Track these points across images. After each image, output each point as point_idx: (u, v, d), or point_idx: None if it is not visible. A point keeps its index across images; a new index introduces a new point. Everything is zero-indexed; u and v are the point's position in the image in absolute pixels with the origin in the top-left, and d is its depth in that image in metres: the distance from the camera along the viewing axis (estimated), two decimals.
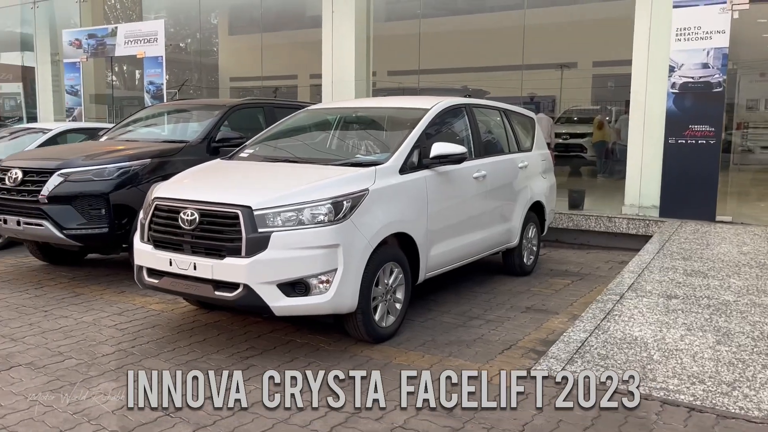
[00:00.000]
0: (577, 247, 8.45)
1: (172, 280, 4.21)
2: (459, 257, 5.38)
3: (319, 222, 3.98)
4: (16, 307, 5.25)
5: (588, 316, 4.86)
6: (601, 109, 16.19)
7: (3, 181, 5.97)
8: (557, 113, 17.49)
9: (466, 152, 4.95)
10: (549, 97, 18.41)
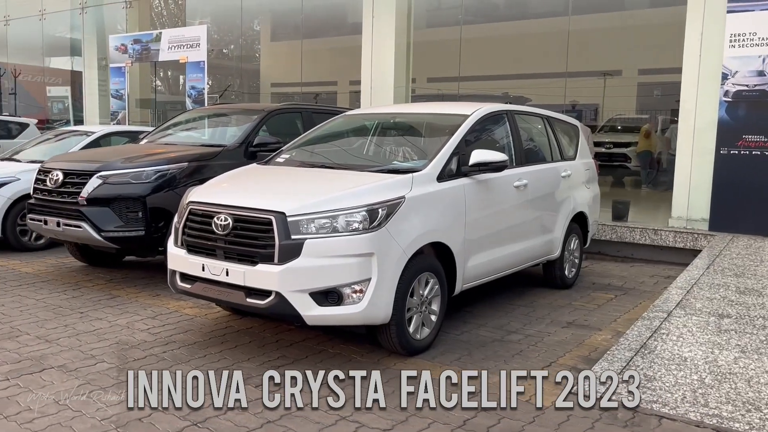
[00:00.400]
0: (620, 259, 8.16)
1: (204, 285, 4.16)
2: (498, 269, 5.21)
3: (353, 230, 3.88)
4: (53, 308, 5.28)
5: (633, 333, 4.64)
6: (650, 117, 15.74)
7: (44, 182, 6.05)
8: (600, 122, 17.12)
9: (507, 160, 4.79)
10: (591, 106, 18.06)
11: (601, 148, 14.35)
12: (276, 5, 18.29)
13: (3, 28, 17.15)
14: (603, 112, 17.98)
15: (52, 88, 17.08)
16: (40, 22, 15.77)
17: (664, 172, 13.77)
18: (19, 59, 18.33)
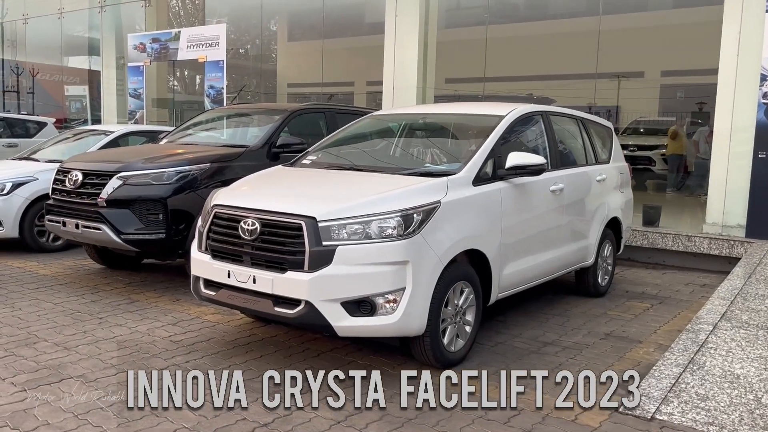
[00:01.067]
0: (651, 266, 7.89)
1: (229, 293, 3.97)
2: (534, 276, 4.98)
3: (387, 236, 3.67)
4: (71, 313, 5.12)
5: (679, 347, 4.39)
6: (675, 120, 15.39)
7: (63, 183, 5.90)
8: (622, 124, 16.80)
9: (545, 163, 4.57)
10: (611, 108, 17.73)
11: (625, 151, 14.03)
12: (294, 5, 18.17)
13: (21, 26, 17.13)
14: (623, 114, 17.67)
15: (70, 87, 17.04)
16: (59, 20, 15.71)
17: (696, 176, 13.43)
18: (37, 58, 18.31)
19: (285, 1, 17.69)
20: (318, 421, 3.31)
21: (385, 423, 3.31)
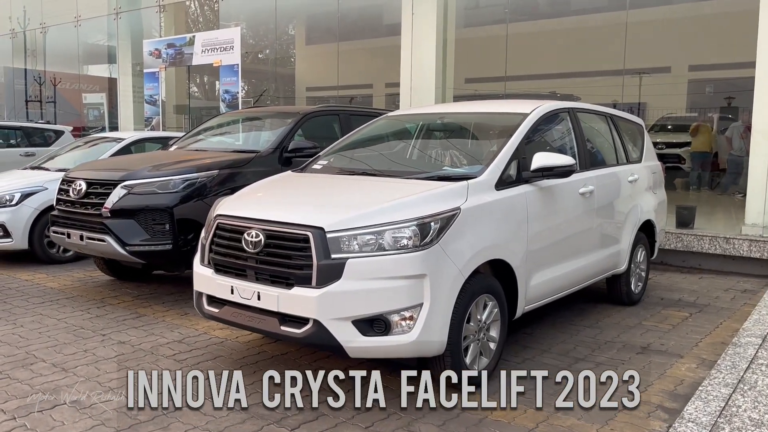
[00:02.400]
0: (686, 270, 7.46)
1: (233, 310, 3.68)
2: (563, 286, 4.62)
3: (402, 247, 3.35)
4: (74, 329, 4.88)
5: (726, 364, 4.01)
6: (705, 116, 14.85)
7: (67, 192, 5.68)
8: (649, 121, 16.29)
9: (575, 164, 4.21)
10: (637, 104, 17.22)
11: None
12: (310, 8, 17.96)
13: (40, 36, 17.14)
14: (650, 111, 17.16)
15: (87, 95, 16.99)
16: (76, 28, 15.65)
17: (723, 174, 12.89)
18: (56, 67, 18.32)
19: (301, 5, 17.48)
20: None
21: None
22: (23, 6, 17.40)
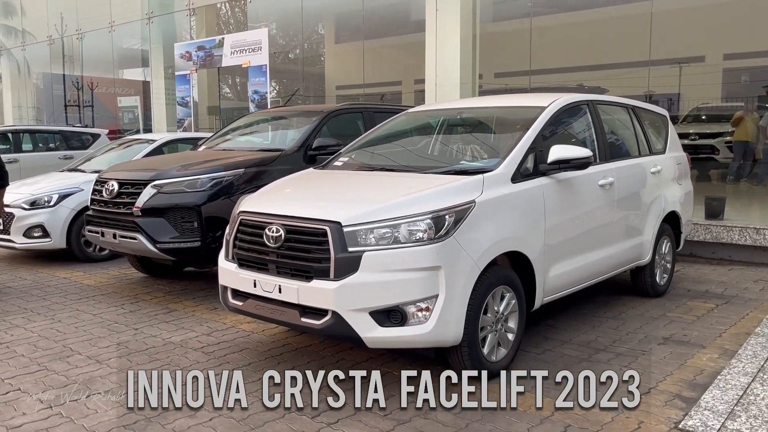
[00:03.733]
0: (716, 262, 7.37)
1: (256, 303, 3.81)
2: (582, 278, 4.64)
3: (417, 240, 3.43)
4: (108, 324, 5.08)
5: (747, 354, 4.01)
6: (746, 104, 14.52)
7: (100, 193, 5.90)
8: (683, 112, 16.00)
9: (591, 156, 4.22)
10: (670, 95, 16.91)
11: (686, 140, 13.33)
12: (338, 7, 18.10)
13: (76, 42, 17.63)
14: (684, 101, 16.85)
15: (122, 98, 17.44)
16: (110, 34, 16.07)
17: (758, 163, 12.61)
18: (92, 71, 18.82)
19: (329, 4, 17.63)
20: None
21: None
22: (60, 13, 17.92)
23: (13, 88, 21.13)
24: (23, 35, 19.97)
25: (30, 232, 7.31)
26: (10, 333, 4.87)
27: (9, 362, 4.24)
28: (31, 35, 19.46)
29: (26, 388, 3.78)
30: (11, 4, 20.75)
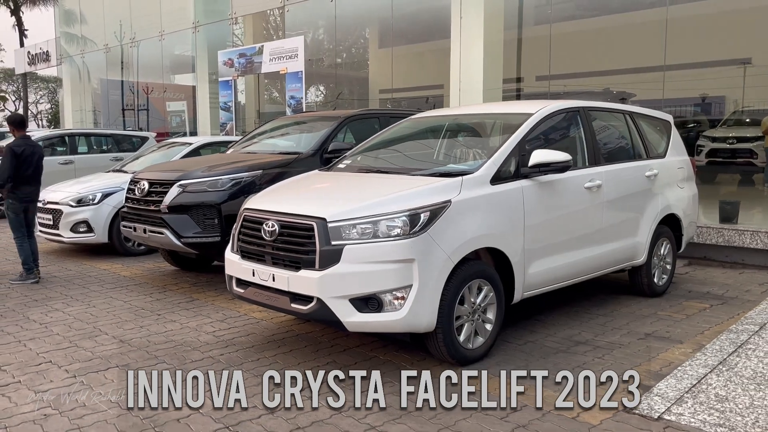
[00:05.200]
0: (729, 266, 7.44)
1: (255, 290, 4.25)
2: (567, 275, 4.90)
3: (394, 235, 3.80)
4: (135, 310, 5.62)
5: (714, 348, 4.22)
6: None
7: (134, 191, 6.46)
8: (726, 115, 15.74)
9: (570, 160, 4.49)
10: (717, 98, 16.65)
11: (724, 144, 13.22)
12: (380, 12, 18.54)
13: (131, 49, 18.63)
14: (729, 104, 16.58)
15: (170, 103, 18.33)
16: (160, 42, 16.96)
17: None
18: (145, 77, 19.81)
19: (375, 9, 18.09)
20: (323, 411, 3.49)
21: (386, 414, 3.44)
22: (119, 21, 18.95)
23: (73, 93, 22.42)
24: (84, 42, 21.16)
25: (76, 227, 7.98)
26: (50, 315, 5.46)
27: (45, 339, 4.80)
28: (93, 42, 20.61)
29: (56, 361, 4.32)
30: (73, 12, 22.02)
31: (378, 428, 3.29)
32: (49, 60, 23.50)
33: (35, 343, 4.72)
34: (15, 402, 3.65)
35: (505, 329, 4.86)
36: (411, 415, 3.43)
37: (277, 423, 3.35)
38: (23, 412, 3.52)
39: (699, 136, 13.99)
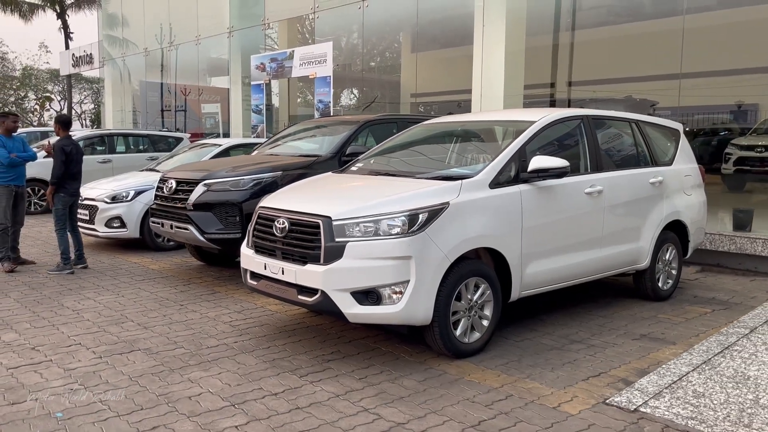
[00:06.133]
0: (741, 273, 7.52)
1: (266, 282, 4.57)
2: (565, 277, 5.11)
3: (393, 234, 4.07)
4: (160, 300, 6.00)
5: (701, 348, 4.39)
6: None
7: (162, 190, 6.87)
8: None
9: (568, 166, 4.71)
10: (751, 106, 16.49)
11: (752, 152, 13.15)
12: (413, 18, 18.83)
13: (168, 52, 19.26)
14: (763, 111, 16.41)
15: (205, 105, 18.90)
16: (196, 46, 17.53)
17: None
18: (183, 80, 20.44)
19: (409, 15, 18.39)
20: (321, 394, 3.79)
21: (379, 399, 3.72)
22: (160, 24, 19.59)
23: (114, 94, 23.23)
24: (126, 45, 21.92)
25: (110, 222, 8.45)
26: (82, 303, 5.87)
27: (77, 324, 5.20)
28: (134, 44, 21.33)
29: (85, 343, 4.70)
30: (116, 16, 22.83)
31: (371, 410, 3.56)
32: (92, 62, 24.37)
33: (67, 327, 5.12)
34: (46, 378, 4.02)
35: (506, 327, 5.11)
36: (403, 400, 3.70)
37: (278, 403, 3.65)
38: (53, 386, 3.89)
39: (728, 144, 13.95)
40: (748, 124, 13.82)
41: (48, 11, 31.68)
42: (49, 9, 31.53)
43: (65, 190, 7.22)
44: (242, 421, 3.42)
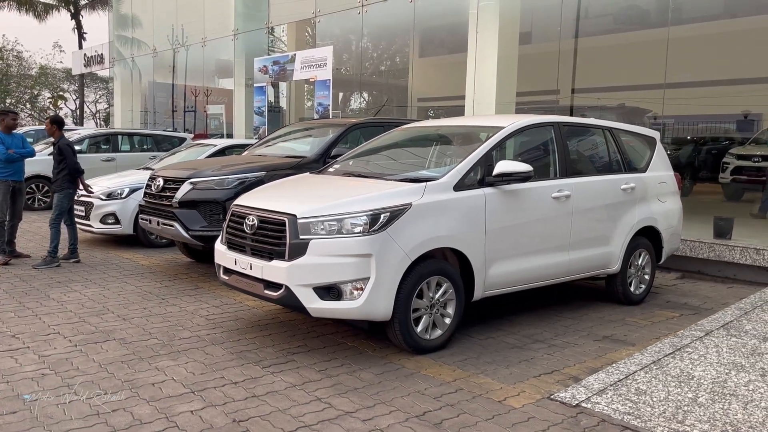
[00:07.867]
0: (720, 280, 7.61)
1: (237, 277, 4.75)
2: (530, 279, 5.24)
3: (355, 232, 4.24)
4: (143, 294, 6.20)
5: (653, 349, 4.52)
6: None
7: (150, 187, 7.08)
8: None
9: (531, 171, 4.85)
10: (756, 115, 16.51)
11: (749, 162, 13.20)
12: (421, 23, 19.02)
13: (176, 53, 19.57)
14: (766, 121, 16.41)
15: (210, 106, 19.19)
16: (202, 48, 17.82)
17: None
18: (191, 81, 20.75)
19: (416, 19, 18.57)
20: (279, 384, 3.96)
21: (333, 390, 3.88)
22: (171, 25, 19.90)
23: (124, 94, 23.60)
24: (136, 45, 22.27)
25: (105, 219, 8.68)
26: (68, 295, 6.09)
27: (59, 315, 5.41)
28: (145, 44, 21.68)
29: (63, 332, 4.90)
30: (127, 17, 23.20)
31: (324, 400, 3.73)
32: (102, 62, 24.78)
33: (49, 317, 5.33)
34: (20, 363, 4.22)
35: (473, 325, 5.25)
36: (356, 391, 3.86)
37: (236, 391, 3.82)
38: (25, 371, 4.09)
39: (725, 154, 14.03)
40: (747, 134, 13.90)
41: (62, 11, 32.21)
42: (63, 9, 32.05)
43: (73, 187, 7.60)
44: (198, 406, 3.60)
